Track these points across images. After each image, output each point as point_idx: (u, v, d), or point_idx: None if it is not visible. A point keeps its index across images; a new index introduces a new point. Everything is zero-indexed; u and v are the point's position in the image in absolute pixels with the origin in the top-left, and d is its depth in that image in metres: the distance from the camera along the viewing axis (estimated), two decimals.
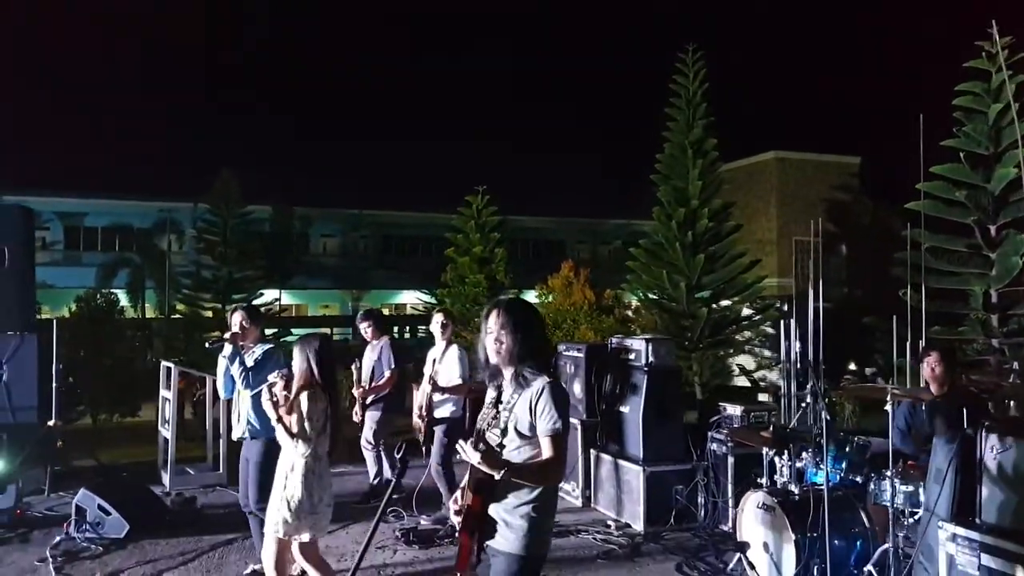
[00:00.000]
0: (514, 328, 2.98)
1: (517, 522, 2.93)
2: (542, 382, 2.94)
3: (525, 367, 2.98)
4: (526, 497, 2.93)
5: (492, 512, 2.98)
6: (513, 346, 2.96)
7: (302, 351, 4.36)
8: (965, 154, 11.97)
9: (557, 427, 2.89)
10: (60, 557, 5.63)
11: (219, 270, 16.20)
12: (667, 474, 6.29)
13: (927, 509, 4.02)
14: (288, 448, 4.27)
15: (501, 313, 3.02)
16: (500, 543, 2.95)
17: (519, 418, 2.95)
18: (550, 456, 2.90)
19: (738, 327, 14.89)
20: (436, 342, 6.52)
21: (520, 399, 2.97)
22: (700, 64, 14.35)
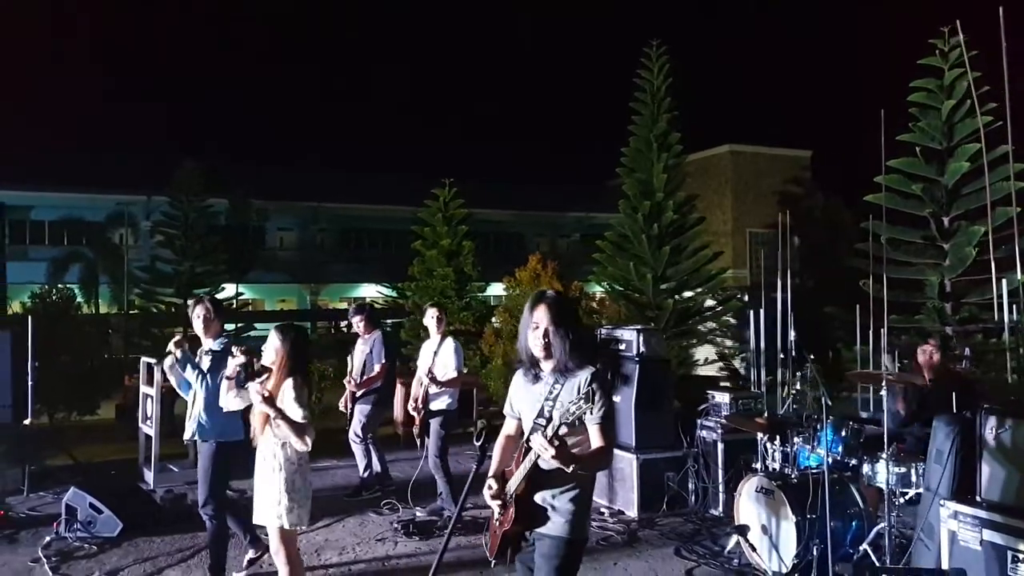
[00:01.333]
0: (564, 323, 3.05)
1: (565, 506, 3.03)
2: (588, 371, 3.03)
3: (570, 360, 3.05)
4: (571, 482, 3.02)
5: (538, 498, 3.06)
6: (563, 340, 3.03)
7: (285, 339, 4.22)
8: (920, 148, 12.46)
9: (607, 413, 3.00)
10: (54, 557, 5.52)
11: (180, 264, 15.86)
12: (659, 461, 6.45)
13: (928, 488, 4.23)
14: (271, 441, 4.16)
15: (548, 307, 3.09)
16: (547, 527, 3.04)
17: (564, 406, 3.01)
18: (601, 444, 2.99)
19: (702, 317, 15.21)
20: (431, 335, 6.56)
21: (565, 388, 3.05)
22: (664, 59, 14.56)
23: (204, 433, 4.99)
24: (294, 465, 4.19)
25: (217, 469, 4.97)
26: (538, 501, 3.07)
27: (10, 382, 7.54)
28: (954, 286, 12.28)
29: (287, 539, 4.24)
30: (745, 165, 27.31)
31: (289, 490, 4.15)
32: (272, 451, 4.20)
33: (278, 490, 4.15)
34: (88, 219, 25.56)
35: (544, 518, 3.06)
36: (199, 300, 5.26)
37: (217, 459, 4.95)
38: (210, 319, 5.10)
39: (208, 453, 4.98)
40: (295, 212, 29.68)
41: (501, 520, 3.17)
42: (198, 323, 5.09)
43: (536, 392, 3.17)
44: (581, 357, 3.07)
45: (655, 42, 14.73)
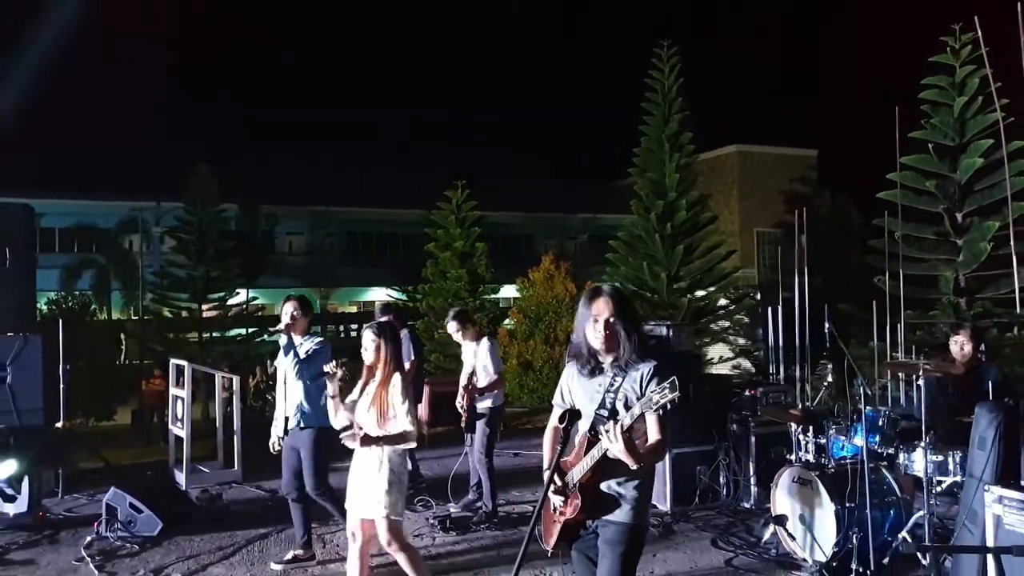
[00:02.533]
0: (625, 316, 3.11)
1: (631, 494, 3.09)
2: (649, 365, 3.11)
3: (633, 353, 3.11)
4: (636, 472, 3.06)
5: (603, 487, 3.11)
6: (626, 333, 3.09)
7: (382, 335, 4.33)
8: (933, 145, 12.53)
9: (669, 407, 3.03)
10: (98, 556, 5.58)
11: (195, 269, 15.94)
12: (691, 455, 6.51)
13: (971, 475, 4.29)
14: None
15: (608, 300, 3.13)
16: (614, 514, 3.09)
17: (627, 398, 3.08)
18: (659, 436, 3.05)
19: (715, 316, 15.28)
20: (463, 343, 6.59)
21: (626, 381, 3.10)
22: (675, 59, 14.65)
23: (308, 420, 5.18)
24: (399, 458, 4.28)
25: (321, 454, 5.21)
26: (604, 489, 3.11)
27: (42, 385, 7.62)
28: (968, 281, 12.33)
29: (396, 529, 4.28)
30: (752, 165, 27.39)
31: (394, 482, 4.22)
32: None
33: (383, 483, 4.20)
34: (100, 225, 25.66)
35: (610, 506, 3.11)
36: (289, 298, 5.43)
37: (319, 444, 5.18)
38: (296, 318, 5.27)
39: (310, 439, 5.18)
40: (304, 216, 29.80)
41: (562, 510, 3.22)
42: (287, 319, 5.24)
43: (595, 384, 3.19)
44: (643, 350, 3.14)
45: (666, 43, 14.82)
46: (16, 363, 7.51)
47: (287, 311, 5.28)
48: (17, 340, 7.53)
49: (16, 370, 7.50)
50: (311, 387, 5.16)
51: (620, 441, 2.86)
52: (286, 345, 5.22)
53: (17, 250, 7.67)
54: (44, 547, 5.88)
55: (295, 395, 5.23)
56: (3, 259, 7.54)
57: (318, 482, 5.22)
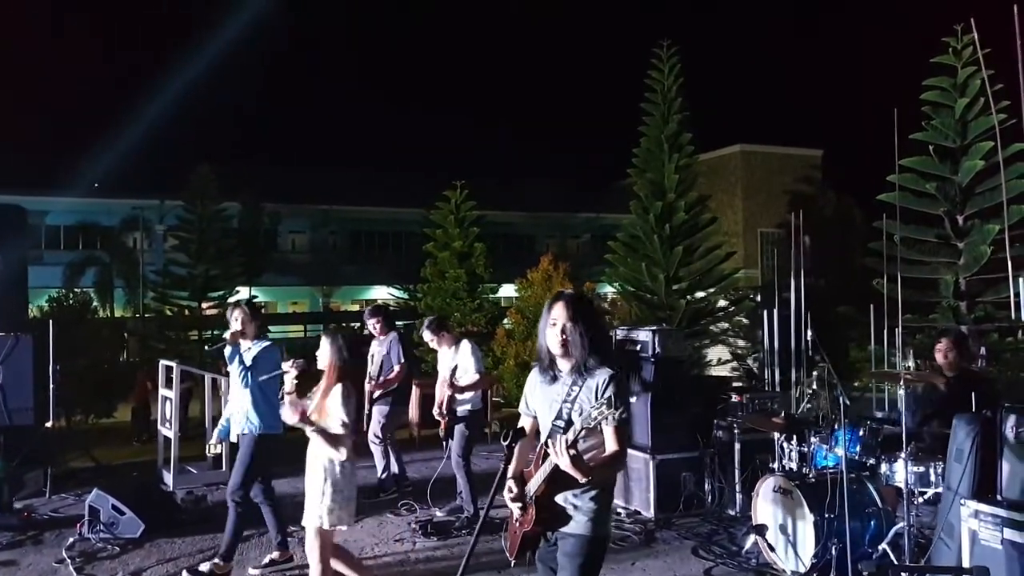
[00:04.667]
0: (582, 321, 3.05)
1: (587, 505, 3.04)
2: (606, 373, 3.03)
3: (589, 360, 3.06)
4: (593, 482, 3.00)
5: (560, 499, 3.08)
6: (581, 338, 3.03)
7: (333, 344, 4.36)
8: (933, 147, 12.43)
9: (624, 417, 2.98)
10: (78, 558, 5.60)
11: (195, 268, 15.96)
12: (675, 461, 6.47)
13: (948, 488, 4.24)
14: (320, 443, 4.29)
15: (567, 305, 3.09)
16: (570, 526, 3.05)
17: (583, 408, 3.02)
18: (616, 447, 2.99)
19: (714, 318, 15.20)
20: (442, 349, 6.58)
21: (583, 389, 3.05)
22: (675, 59, 14.56)
23: (252, 428, 5.20)
24: (339, 466, 4.26)
25: (254, 459, 5.19)
26: (560, 502, 3.08)
27: (32, 385, 7.66)
28: (969, 285, 12.24)
29: (323, 539, 4.27)
30: (756, 165, 27.27)
31: (336, 489, 4.22)
32: (323, 450, 4.28)
33: (321, 490, 4.23)
34: (103, 223, 25.80)
35: (566, 518, 3.07)
36: (236, 304, 5.47)
37: (255, 449, 5.18)
38: (247, 321, 5.30)
39: (248, 443, 5.21)
40: (306, 215, 29.85)
41: (521, 521, 3.20)
42: (236, 325, 5.27)
43: (553, 392, 3.16)
44: (600, 357, 3.08)
45: (665, 42, 14.72)
46: (7, 363, 7.56)
47: (236, 317, 5.30)
48: (8, 340, 7.57)
49: (7, 369, 7.55)
50: (257, 393, 5.17)
51: (566, 456, 2.82)
52: (231, 353, 5.23)
53: (8, 251, 7.71)
54: (27, 548, 5.90)
55: (242, 401, 5.25)
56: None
57: (240, 485, 5.17)
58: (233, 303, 5.57)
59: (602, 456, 3.03)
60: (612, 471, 3.10)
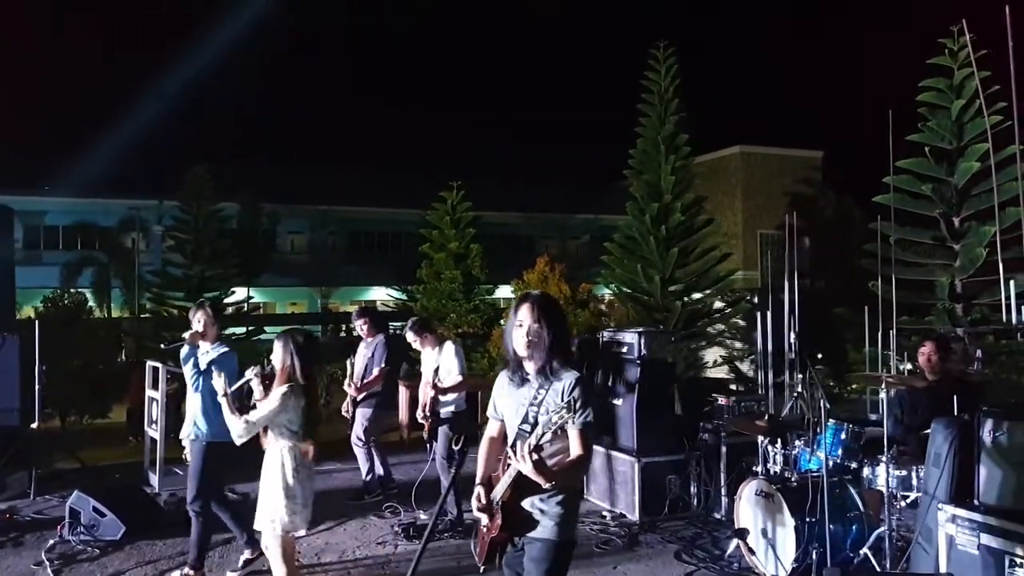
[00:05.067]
0: (548, 322, 3.02)
1: (553, 510, 3.01)
2: (572, 376, 3.01)
3: (553, 362, 3.03)
4: (559, 486, 2.99)
5: (526, 504, 3.04)
6: (547, 340, 3.01)
7: (285, 347, 4.32)
8: (930, 148, 12.38)
9: (589, 420, 2.96)
10: (57, 560, 5.57)
11: (190, 268, 15.97)
12: (661, 464, 6.42)
13: (926, 492, 4.19)
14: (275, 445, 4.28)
15: (534, 307, 3.06)
16: (536, 531, 3.02)
17: (548, 411, 2.97)
18: (580, 451, 2.97)
19: (710, 320, 15.15)
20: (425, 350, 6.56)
21: (549, 392, 3.02)
22: (672, 60, 14.52)
23: (199, 434, 5.13)
24: (295, 470, 4.23)
25: (207, 467, 5.13)
26: (526, 507, 3.04)
27: (18, 386, 7.64)
28: (965, 287, 12.18)
29: (283, 542, 4.27)
30: (756, 166, 27.20)
31: (288, 494, 4.20)
32: (276, 455, 4.28)
33: (278, 493, 4.21)
34: (101, 224, 25.83)
35: (532, 523, 3.04)
36: (200, 305, 5.35)
37: (207, 458, 5.12)
38: (210, 324, 5.20)
39: (199, 451, 5.14)
40: (305, 215, 29.85)
41: (488, 527, 3.16)
42: (198, 326, 5.17)
43: (521, 396, 3.13)
44: (565, 359, 3.05)
45: (662, 43, 14.68)
46: None
47: (198, 319, 5.17)
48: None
49: None
50: (207, 399, 5.02)
51: (528, 462, 2.79)
52: (186, 355, 5.13)
53: None
54: (7, 549, 5.86)
55: (192, 406, 5.18)
56: None
57: (198, 494, 5.11)
58: (198, 303, 5.45)
59: (567, 460, 3.00)
60: (577, 475, 3.09)
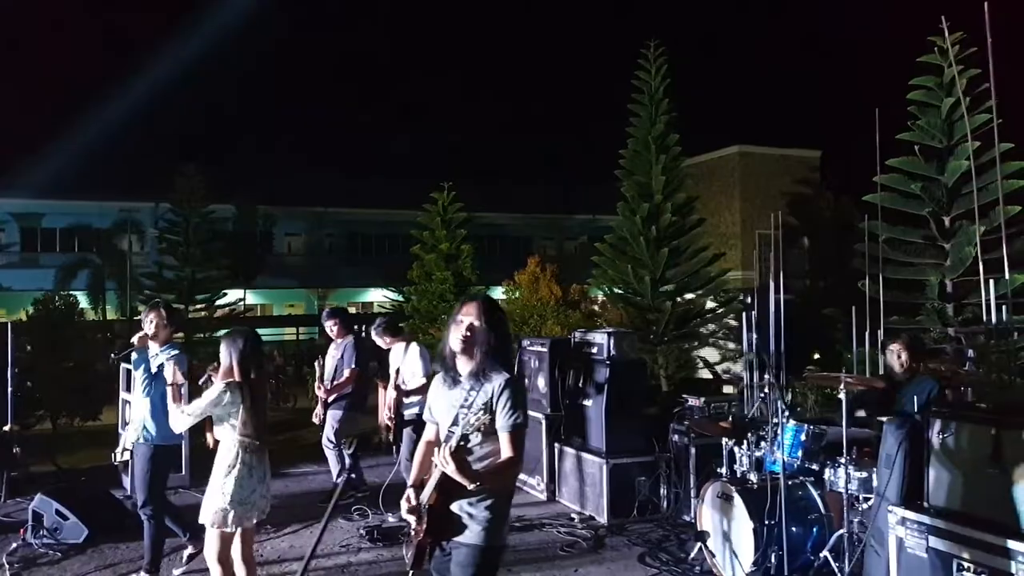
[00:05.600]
0: (490, 324, 3.01)
1: (481, 514, 2.98)
2: (502, 378, 2.98)
3: (488, 363, 3.00)
4: (486, 491, 2.96)
5: (455, 507, 3.00)
6: (484, 341, 2.99)
7: (227, 347, 4.33)
8: (920, 147, 12.27)
9: (518, 422, 2.94)
10: (17, 563, 5.55)
11: (182, 270, 15.97)
12: (630, 466, 6.36)
13: (878, 494, 4.12)
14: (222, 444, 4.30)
15: (474, 307, 3.05)
16: (463, 536, 2.98)
17: (477, 414, 2.95)
18: (510, 453, 2.94)
19: (702, 320, 15.06)
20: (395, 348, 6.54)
21: (480, 395, 2.99)
22: (662, 60, 14.45)
23: (148, 437, 5.07)
24: (234, 469, 4.22)
25: (156, 471, 5.09)
26: (454, 510, 3.01)
27: None
28: (956, 287, 12.06)
29: (220, 539, 4.26)
30: (754, 166, 27.07)
31: (225, 491, 4.20)
32: (223, 451, 4.28)
33: (216, 491, 4.22)
34: (96, 226, 25.91)
35: (460, 527, 3.00)
36: (154, 307, 5.28)
37: (156, 461, 5.08)
38: (162, 326, 5.13)
39: (147, 455, 5.07)
40: (302, 217, 29.88)
41: (416, 530, 3.12)
42: (149, 328, 5.09)
43: (452, 398, 3.11)
44: (499, 362, 3.02)
45: (653, 42, 14.62)
46: None
47: (151, 320, 5.09)
48: None
49: None
50: (157, 402, 4.95)
51: (451, 464, 2.76)
52: (137, 359, 5.07)
53: None
54: None
55: (140, 409, 5.10)
56: None
57: (149, 499, 5.06)
58: (151, 303, 5.41)
59: (495, 463, 2.97)
60: (506, 478, 3.03)
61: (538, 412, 7.20)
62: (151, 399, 5.05)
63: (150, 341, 5.13)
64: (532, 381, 7.46)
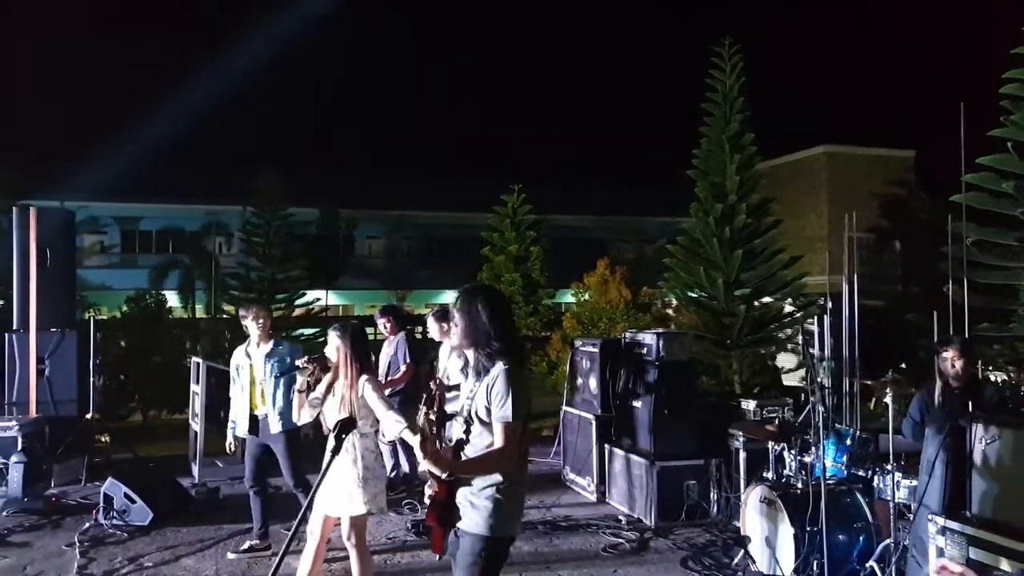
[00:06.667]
0: (466, 311, 3.03)
1: (482, 503, 2.97)
2: (499, 368, 2.97)
3: (484, 353, 3.01)
4: (491, 480, 2.97)
5: (459, 496, 3.01)
6: (463, 328, 3.03)
7: (339, 340, 4.44)
8: (1013, 143, 11.60)
9: (507, 414, 2.90)
10: (86, 542, 5.88)
11: (263, 271, 16.60)
12: (679, 469, 6.24)
13: (919, 502, 3.93)
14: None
15: (459, 296, 3.10)
16: (466, 524, 3.00)
17: (478, 404, 3.00)
18: (500, 444, 2.92)
19: (780, 324, 14.61)
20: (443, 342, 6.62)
21: (481, 385, 3.02)
22: (737, 58, 14.12)
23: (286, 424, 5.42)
24: (372, 454, 4.41)
25: (296, 454, 5.55)
26: (458, 499, 3.02)
27: (76, 379, 8.12)
28: None
29: (359, 526, 4.40)
30: (842, 167, 26.12)
31: (368, 478, 4.33)
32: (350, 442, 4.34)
33: (354, 479, 4.31)
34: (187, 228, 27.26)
35: (462, 515, 3.02)
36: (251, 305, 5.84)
37: (295, 445, 5.55)
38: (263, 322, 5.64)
39: (285, 441, 5.50)
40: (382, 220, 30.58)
41: (427, 517, 3.18)
42: (255, 326, 5.56)
43: (466, 390, 3.16)
44: (495, 351, 2.99)
45: (727, 40, 14.31)
46: (53, 357, 8.04)
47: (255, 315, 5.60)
48: (55, 335, 8.06)
49: (53, 363, 8.03)
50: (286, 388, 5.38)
51: (427, 456, 2.83)
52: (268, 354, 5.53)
53: (58, 251, 8.19)
54: (45, 531, 6.24)
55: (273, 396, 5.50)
56: (44, 259, 8.07)
57: (299, 479, 5.51)
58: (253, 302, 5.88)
59: (483, 453, 2.98)
60: (493, 469, 2.98)
61: (588, 413, 7.17)
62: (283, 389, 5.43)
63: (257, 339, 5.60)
64: (583, 382, 7.43)
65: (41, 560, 5.58)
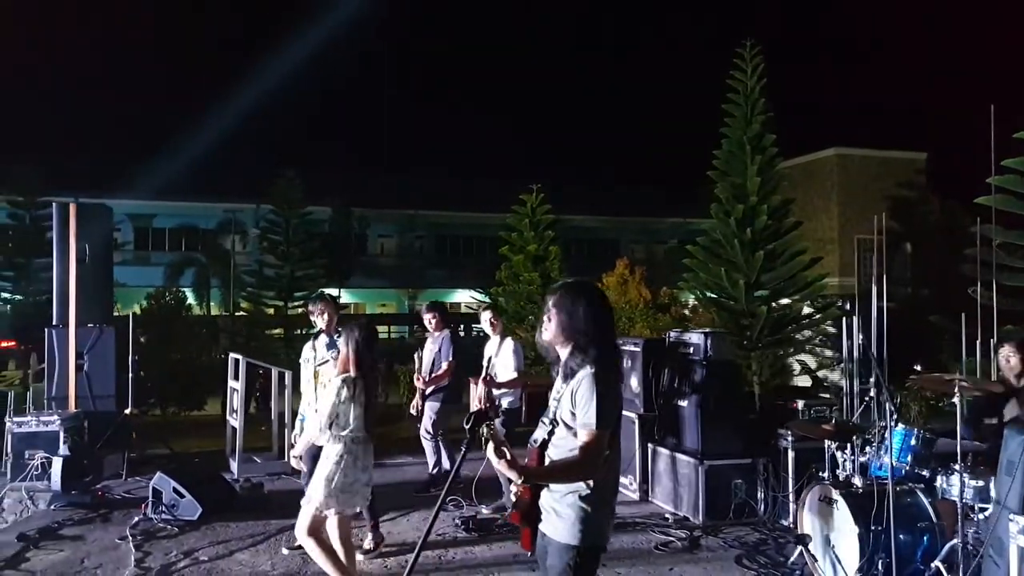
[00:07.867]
0: (567, 308, 2.91)
1: (566, 511, 2.85)
2: (585, 372, 2.83)
3: (573, 356, 2.89)
4: (573, 487, 2.84)
5: (543, 501, 2.92)
6: (560, 325, 2.91)
7: (345, 338, 4.66)
8: None
9: (590, 420, 2.77)
10: (139, 536, 5.91)
11: (281, 269, 16.62)
12: (726, 468, 6.27)
13: (998, 502, 3.94)
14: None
15: (555, 293, 2.99)
16: (551, 530, 2.89)
17: (563, 408, 2.87)
18: (581, 451, 2.79)
19: (798, 326, 14.63)
20: (491, 337, 6.65)
21: (566, 388, 2.89)
22: (758, 59, 14.14)
23: None
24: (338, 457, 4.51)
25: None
26: (541, 502, 2.92)
27: (114, 374, 8.15)
28: None
29: (312, 519, 4.50)
30: (853, 168, 26.14)
31: (331, 478, 4.48)
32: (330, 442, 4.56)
33: (324, 477, 4.50)
34: (202, 226, 27.32)
35: (546, 521, 2.92)
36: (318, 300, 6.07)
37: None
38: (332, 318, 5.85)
39: None
40: (394, 219, 30.64)
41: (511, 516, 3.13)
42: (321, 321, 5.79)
43: (554, 391, 3.00)
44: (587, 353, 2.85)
45: (748, 42, 14.33)
46: (92, 352, 8.07)
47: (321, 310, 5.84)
48: (94, 331, 8.08)
49: (92, 359, 8.05)
50: None
51: (496, 459, 2.76)
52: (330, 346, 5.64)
53: (96, 247, 8.22)
54: (95, 524, 6.28)
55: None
56: (83, 255, 8.09)
57: None
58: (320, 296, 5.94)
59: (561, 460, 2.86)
60: (573, 476, 2.85)
61: (631, 412, 7.18)
62: None
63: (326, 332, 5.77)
64: (625, 381, 7.44)
65: (97, 553, 5.60)
